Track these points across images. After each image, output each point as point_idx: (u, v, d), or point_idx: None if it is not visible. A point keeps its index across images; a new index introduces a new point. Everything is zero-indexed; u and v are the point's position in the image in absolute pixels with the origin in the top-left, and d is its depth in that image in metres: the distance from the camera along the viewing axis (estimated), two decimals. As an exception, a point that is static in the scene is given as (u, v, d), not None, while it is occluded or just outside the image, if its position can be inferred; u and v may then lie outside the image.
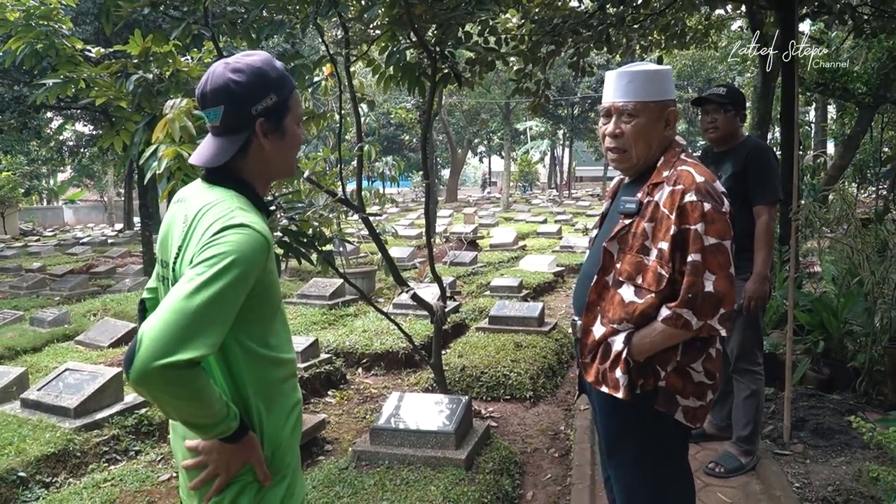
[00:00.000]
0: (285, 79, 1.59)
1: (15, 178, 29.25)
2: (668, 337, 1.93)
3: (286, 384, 1.63)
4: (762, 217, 3.50)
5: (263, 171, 1.63)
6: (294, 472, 1.66)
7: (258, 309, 1.54)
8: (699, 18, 8.69)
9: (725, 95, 3.58)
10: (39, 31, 4.23)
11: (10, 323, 8.02)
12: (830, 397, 4.65)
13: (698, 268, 1.86)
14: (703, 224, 1.88)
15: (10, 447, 3.93)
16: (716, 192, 1.95)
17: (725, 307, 1.88)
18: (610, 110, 2.11)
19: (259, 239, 1.46)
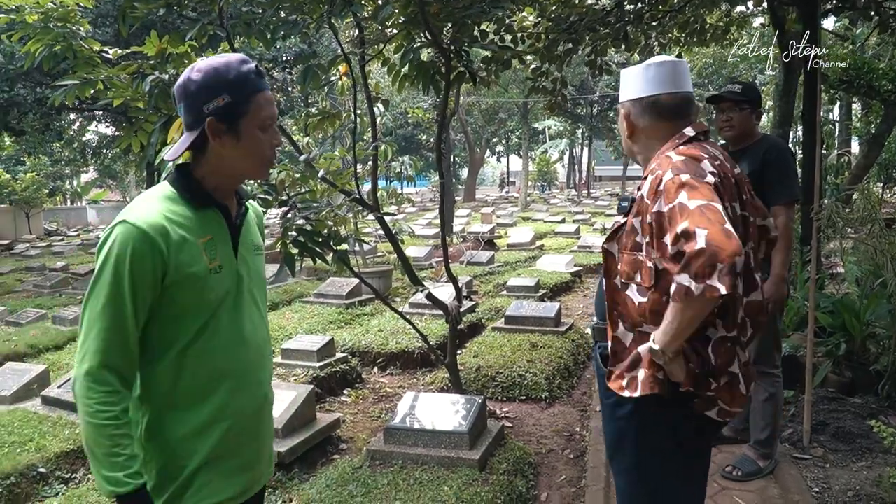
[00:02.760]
0: (246, 81, 1.59)
1: (39, 178, 29.65)
2: (679, 314, 1.71)
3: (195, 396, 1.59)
4: (780, 217, 3.41)
5: (222, 170, 1.64)
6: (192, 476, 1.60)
7: (167, 307, 1.55)
8: (719, 15, 8.60)
9: (741, 93, 3.51)
10: (58, 33, 4.27)
11: (33, 321, 8.13)
12: (852, 401, 4.58)
13: (689, 232, 1.65)
14: (685, 193, 1.73)
15: (31, 443, 3.99)
16: (695, 166, 1.83)
17: (723, 260, 1.59)
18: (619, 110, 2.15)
19: (130, 231, 1.48)
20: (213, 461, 1.60)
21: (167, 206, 1.57)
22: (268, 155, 1.65)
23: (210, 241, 1.60)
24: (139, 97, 4.34)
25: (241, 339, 1.66)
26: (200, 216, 1.61)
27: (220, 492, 1.61)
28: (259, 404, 1.73)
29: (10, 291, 11.90)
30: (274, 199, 3.93)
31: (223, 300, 1.62)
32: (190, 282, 1.55)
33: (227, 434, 1.62)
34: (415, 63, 4.55)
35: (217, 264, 1.61)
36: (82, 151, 23.80)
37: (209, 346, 1.59)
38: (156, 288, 1.52)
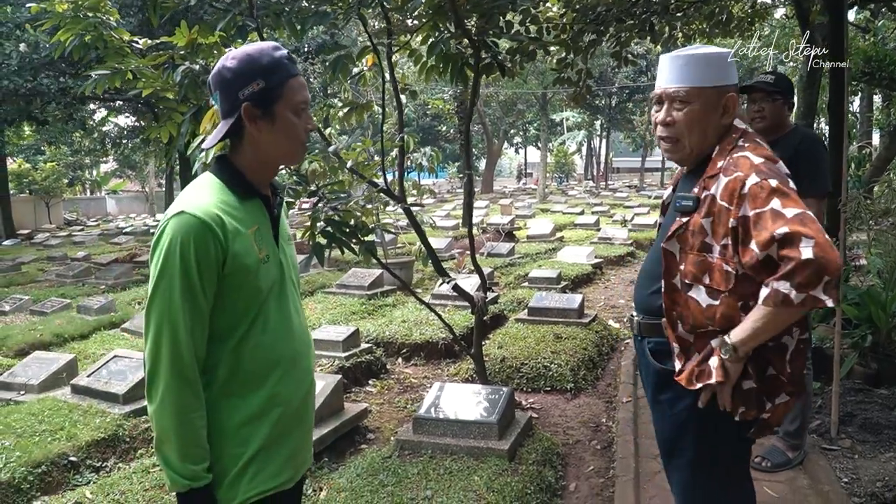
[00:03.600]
0: (280, 66, 1.61)
1: (59, 168, 29.97)
2: (770, 318, 1.69)
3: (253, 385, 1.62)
4: (812, 210, 3.38)
5: (259, 156, 1.66)
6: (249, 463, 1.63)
7: (224, 297, 1.57)
8: (743, 5, 8.51)
9: (774, 83, 3.43)
10: (88, 23, 4.29)
11: (57, 310, 8.23)
12: (878, 392, 4.55)
13: (795, 237, 1.63)
14: (778, 200, 1.70)
15: (62, 432, 4.04)
16: (780, 171, 1.81)
17: (830, 273, 1.60)
18: (661, 97, 1.99)
19: (189, 221, 1.50)
20: (266, 448, 1.62)
21: (218, 196, 1.60)
22: (302, 138, 1.68)
23: (257, 232, 1.63)
24: (169, 87, 4.37)
25: (289, 327, 1.70)
26: (246, 206, 1.63)
27: (274, 478, 1.64)
28: (306, 391, 1.76)
29: (32, 281, 12.04)
30: (304, 189, 3.95)
31: (272, 289, 1.65)
32: (243, 272, 1.57)
33: (279, 421, 1.65)
34: (442, 54, 4.54)
35: (265, 254, 1.63)
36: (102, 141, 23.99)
37: (262, 336, 1.62)
38: (219, 275, 1.54)
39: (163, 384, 1.49)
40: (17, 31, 10.67)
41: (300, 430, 1.75)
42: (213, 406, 1.58)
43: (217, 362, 1.59)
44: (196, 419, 1.52)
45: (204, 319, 1.54)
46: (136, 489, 3.39)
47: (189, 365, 1.51)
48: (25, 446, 3.83)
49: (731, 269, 1.80)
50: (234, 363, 1.59)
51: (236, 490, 1.58)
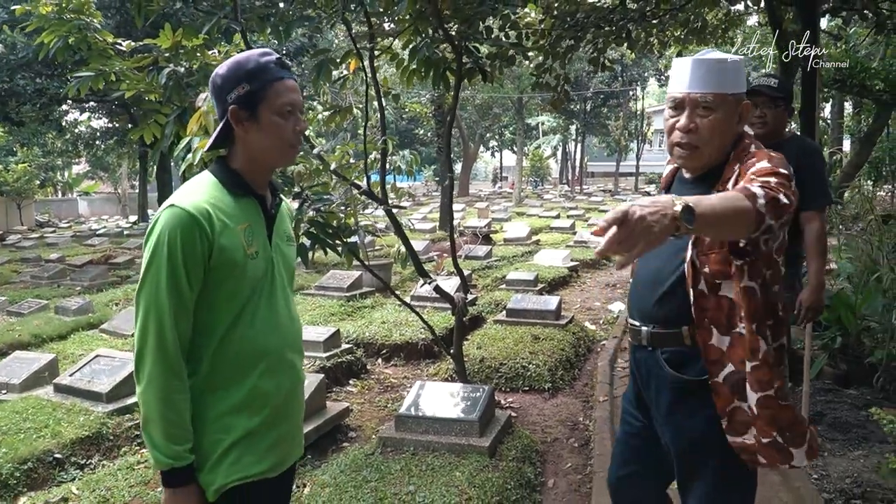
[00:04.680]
0: (264, 70, 1.68)
1: (31, 169, 29.53)
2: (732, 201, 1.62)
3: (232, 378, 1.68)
4: (814, 223, 3.30)
5: (249, 157, 1.73)
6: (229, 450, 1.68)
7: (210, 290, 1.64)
8: (718, 15, 8.70)
9: (778, 88, 3.34)
10: (72, 25, 4.31)
11: (35, 311, 8.16)
12: (848, 392, 4.70)
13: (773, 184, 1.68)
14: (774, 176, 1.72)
15: (46, 429, 4.05)
16: (786, 165, 1.80)
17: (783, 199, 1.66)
18: (683, 101, 1.89)
19: (178, 213, 1.58)
20: (249, 436, 1.68)
21: (210, 192, 1.67)
22: (289, 139, 1.72)
23: (248, 228, 1.69)
24: (153, 89, 4.39)
25: (277, 322, 1.75)
26: (239, 204, 1.70)
27: (255, 465, 1.69)
28: (292, 384, 1.80)
29: (7, 282, 11.89)
30: (289, 190, 4.00)
31: (260, 285, 1.71)
32: (230, 266, 1.63)
33: (262, 412, 1.70)
34: (423, 59, 4.62)
35: (254, 250, 1.69)
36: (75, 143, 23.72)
37: (248, 330, 1.68)
38: (204, 268, 1.61)
39: (148, 366, 1.57)
40: (-7, 32, 10.58)
41: (287, 422, 1.80)
42: (196, 396, 1.65)
43: (202, 356, 1.65)
44: (179, 402, 1.59)
45: (188, 307, 1.61)
46: (122, 485, 3.41)
47: (172, 350, 1.58)
48: (11, 443, 3.85)
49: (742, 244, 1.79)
50: (220, 356, 1.66)
51: (216, 474, 1.64)
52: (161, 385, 1.57)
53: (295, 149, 1.77)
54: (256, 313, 1.70)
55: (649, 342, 2.00)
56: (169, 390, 1.57)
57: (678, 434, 1.98)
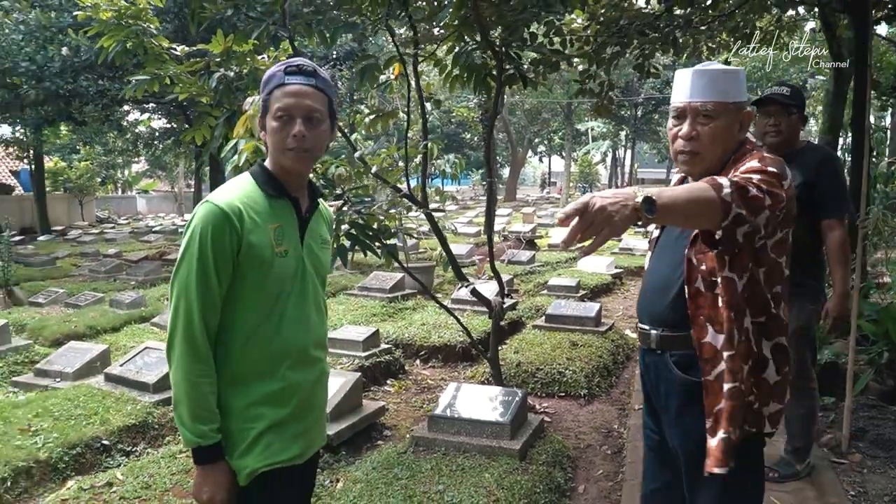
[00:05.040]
0: (272, 78, 1.79)
1: (92, 167, 30.59)
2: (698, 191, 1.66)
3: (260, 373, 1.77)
4: (836, 231, 3.27)
5: (272, 160, 1.84)
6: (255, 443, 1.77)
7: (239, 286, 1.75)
8: (769, 20, 8.55)
9: (790, 96, 3.33)
10: (130, 30, 4.49)
11: (91, 304, 8.49)
12: (892, 409, 4.58)
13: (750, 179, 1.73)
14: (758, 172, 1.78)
15: (96, 417, 4.24)
16: (780, 166, 1.83)
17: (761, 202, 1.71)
18: (685, 111, 1.97)
19: (211, 209, 1.69)
20: (275, 427, 1.78)
21: (245, 192, 1.78)
22: (282, 144, 1.77)
23: (279, 228, 1.79)
24: (204, 93, 4.56)
25: (305, 320, 1.85)
26: (273, 204, 1.80)
27: (281, 453, 1.79)
28: (315, 378, 1.91)
29: (66, 275, 12.39)
30: (330, 192, 4.10)
31: (288, 283, 1.80)
32: (257, 261, 1.73)
33: (290, 404, 1.81)
34: (466, 64, 4.69)
35: (283, 249, 1.78)
36: (135, 142, 24.47)
37: (275, 327, 1.78)
38: (233, 262, 1.72)
39: (177, 351, 1.70)
40: (59, 35, 11.02)
41: (312, 412, 1.91)
42: (226, 386, 1.76)
43: (232, 349, 1.76)
44: (203, 385, 1.70)
45: (215, 297, 1.71)
46: (164, 472, 3.56)
47: (199, 336, 1.69)
48: (62, 429, 4.04)
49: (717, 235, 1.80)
50: (249, 350, 1.77)
51: (247, 459, 1.75)
52: (188, 368, 1.69)
53: (294, 152, 1.78)
54: (285, 312, 1.80)
55: (658, 345, 2.05)
56: (195, 374, 1.69)
57: (686, 437, 2.00)
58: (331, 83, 1.88)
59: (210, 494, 1.73)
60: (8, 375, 5.62)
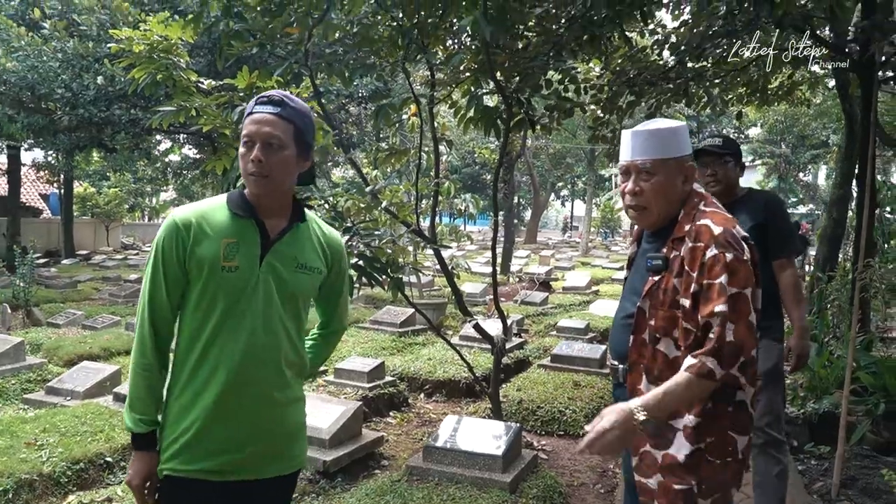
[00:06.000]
0: (247, 109, 1.91)
1: (121, 194, 31.26)
2: (691, 386, 1.86)
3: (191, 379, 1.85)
4: (788, 270, 3.36)
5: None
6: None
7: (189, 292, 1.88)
8: (785, 76, 8.71)
9: (723, 146, 3.42)
10: (160, 63, 4.73)
11: (107, 326, 8.69)
12: (886, 459, 4.60)
13: (725, 318, 1.85)
14: (727, 276, 1.88)
15: (101, 434, 4.37)
16: (736, 240, 1.94)
17: (745, 355, 1.85)
18: (629, 168, 2.11)
19: (168, 222, 1.87)
20: (193, 436, 1.84)
21: (209, 207, 1.92)
22: (246, 169, 1.86)
23: (233, 244, 1.86)
24: (227, 125, 4.78)
25: (255, 338, 1.87)
26: (235, 222, 1.89)
27: (188, 463, 1.85)
28: (256, 400, 1.89)
29: (87, 298, 12.65)
30: (340, 224, 4.26)
31: (239, 299, 1.85)
32: (202, 270, 1.84)
33: (213, 418, 1.84)
34: (479, 108, 4.87)
35: (233, 264, 1.84)
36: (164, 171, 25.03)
37: (214, 339, 1.85)
38: (180, 268, 1.85)
39: (134, 342, 1.90)
40: (96, 64, 11.47)
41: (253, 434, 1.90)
42: (168, 389, 1.91)
43: (176, 357, 1.91)
44: (144, 377, 1.86)
45: (164, 301, 1.86)
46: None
47: (146, 334, 1.86)
48: (67, 444, 4.18)
49: (691, 327, 1.94)
50: (187, 359, 1.88)
51: (163, 458, 1.88)
52: (134, 360, 1.88)
53: (253, 177, 1.85)
54: (231, 326, 1.85)
55: (624, 379, 2.14)
56: (139, 366, 1.87)
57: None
58: (304, 113, 1.93)
59: (130, 477, 1.89)
60: (20, 393, 5.79)
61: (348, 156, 4.63)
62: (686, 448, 1.95)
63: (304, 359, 2.06)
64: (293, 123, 1.87)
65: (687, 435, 1.95)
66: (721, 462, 1.96)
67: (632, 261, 2.35)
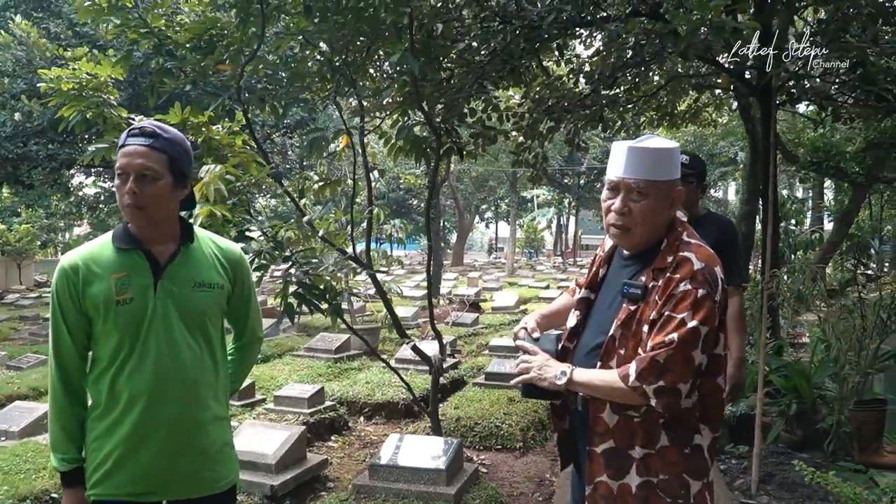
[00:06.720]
0: (121, 141, 1.94)
1: (33, 230, 30.01)
2: (611, 383, 1.89)
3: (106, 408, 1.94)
4: (734, 298, 3.37)
5: None
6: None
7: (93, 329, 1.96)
8: (691, 98, 9.30)
9: (689, 165, 3.32)
10: (90, 101, 4.76)
11: (33, 366, 8.45)
12: (800, 455, 4.98)
13: (670, 343, 1.82)
14: (691, 312, 1.84)
15: (45, 471, 4.32)
16: (714, 279, 1.89)
17: (667, 382, 1.81)
18: (619, 185, 1.98)
19: (58, 269, 1.95)
20: (112, 462, 1.92)
21: (95, 247, 2.00)
22: (122, 201, 1.91)
23: (123, 278, 1.93)
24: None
25: (154, 364, 1.94)
26: (122, 257, 1.96)
27: (111, 487, 1.94)
28: (167, 425, 1.95)
29: (6, 339, 12.17)
30: (279, 254, 4.38)
31: (140, 327, 1.93)
32: (98, 308, 1.92)
33: (126, 443, 1.93)
34: (409, 138, 5.09)
35: (127, 297, 1.92)
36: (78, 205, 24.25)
37: (122, 369, 1.93)
38: (78, 311, 1.94)
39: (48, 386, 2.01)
40: (12, 100, 11.19)
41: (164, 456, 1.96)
42: (87, 420, 1.99)
43: (91, 388, 2.00)
44: (56, 420, 1.97)
45: (67, 341, 1.95)
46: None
47: (54, 374, 1.96)
48: (13, 482, 4.12)
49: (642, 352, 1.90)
50: (99, 389, 1.96)
51: (89, 485, 1.96)
52: (49, 406, 2.00)
53: (129, 209, 1.91)
54: (132, 354, 1.93)
55: (583, 407, 2.07)
56: (52, 411, 1.98)
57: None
58: (177, 142, 1.97)
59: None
60: (-51, 436, 5.59)
61: (284, 188, 4.75)
62: (637, 480, 1.93)
63: (221, 376, 2.11)
64: (166, 153, 1.91)
65: (637, 467, 1.94)
66: (671, 502, 1.92)
67: (601, 282, 2.21)
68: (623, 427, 1.95)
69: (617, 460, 1.95)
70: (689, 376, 1.84)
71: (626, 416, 1.94)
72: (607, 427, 1.97)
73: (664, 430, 1.92)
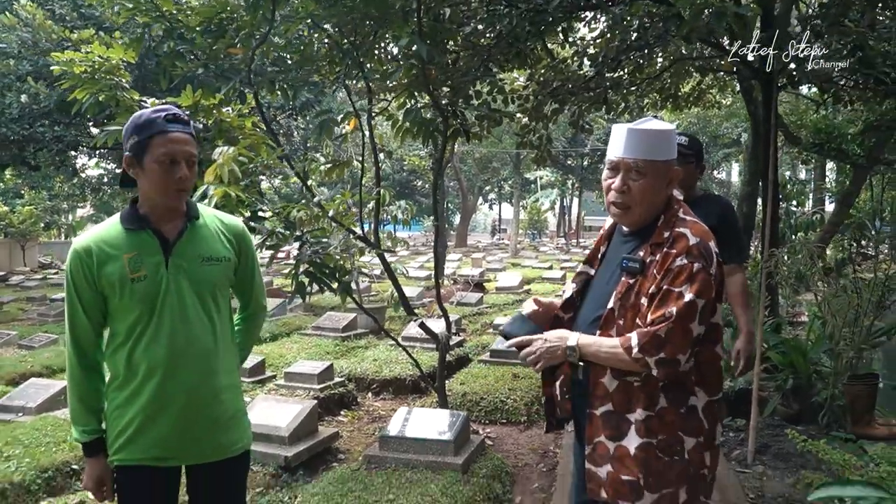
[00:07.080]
0: (150, 124, 1.99)
1: (37, 212, 30.15)
2: (616, 353, 1.99)
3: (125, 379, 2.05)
4: (738, 275, 3.49)
5: (144, 197, 2.09)
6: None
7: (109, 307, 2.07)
8: (694, 80, 9.36)
9: (687, 146, 3.40)
10: (103, 84, 4.86)
11: (45, 345, 8.62)
12: (795, 427, 5.14)
13: (669, 316, 1.93)
14: (688, 285, 1.94)
15: (65, 444, 4.48)
16: (708, 253, 1.99)
17: (667, 354, 1.92)
18: (618, 165, 2.08)
19: (71, 252, 2.04)
20: (133, 429, 2.05)
21: (104, 230, 2.09)
22: (167, 185, 2.01)
23: (135, 257, 2.03)
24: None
25: (179, 333, 2.05)
26: (132, 236, 2.06)
27: (133, 452, 2.07)
28: (188, 391, 2.07)
29: (14, 319, 12.34)
30: (291, 234, 4.51)
31: (154, 302, 2.03)
32: (113, 287, 2.02)
33: (145, 411, 2.05)
34: (416, 120, 5.19)
35: (141, 274, 2.02)
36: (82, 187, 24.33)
37: (140, 340, 2.04)
38: (94, 291, 2.04)
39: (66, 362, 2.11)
40: (17, 82, 11.27)
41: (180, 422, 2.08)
42: (107, 392, 2.12)
43: (109, 361, 2.11)
44: (74, 393, 2.08)
45: (83, 320, 2.05)
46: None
47: (72, 355, 2.07)
48: (34, 454, 4.29)
49: (641, 324, 2.01)
50: (117, 362, 2.07)
51: (111, 452, 2.10)
52: (67, 380, 2.11)
53: (178, 193, 2.05)
54: (154, 326, 2.04)
55: (584, 375, 2.16)
56: (70, 384, 2.10)
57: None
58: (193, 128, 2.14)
59: (85, 483, 2.13)
60: (-34, 413, 5.75)
61: (295, 170, 4.87)
62: (636, 441, 2.01)
63: (232, 346, 2.24)
64: (195, 139, 2.10)
65: (638, 428, 2.02)
66: (668, 460, 2.01)
67: (601, 258, 2.33)
68: (622, 391, 2.06)
69: (615, 422, 2.06)
70: (688, 347, 1.96)
71: (626, 382, 2.05)
72: (607, 391, 2.08)
73: (663, 393, 2.02)
